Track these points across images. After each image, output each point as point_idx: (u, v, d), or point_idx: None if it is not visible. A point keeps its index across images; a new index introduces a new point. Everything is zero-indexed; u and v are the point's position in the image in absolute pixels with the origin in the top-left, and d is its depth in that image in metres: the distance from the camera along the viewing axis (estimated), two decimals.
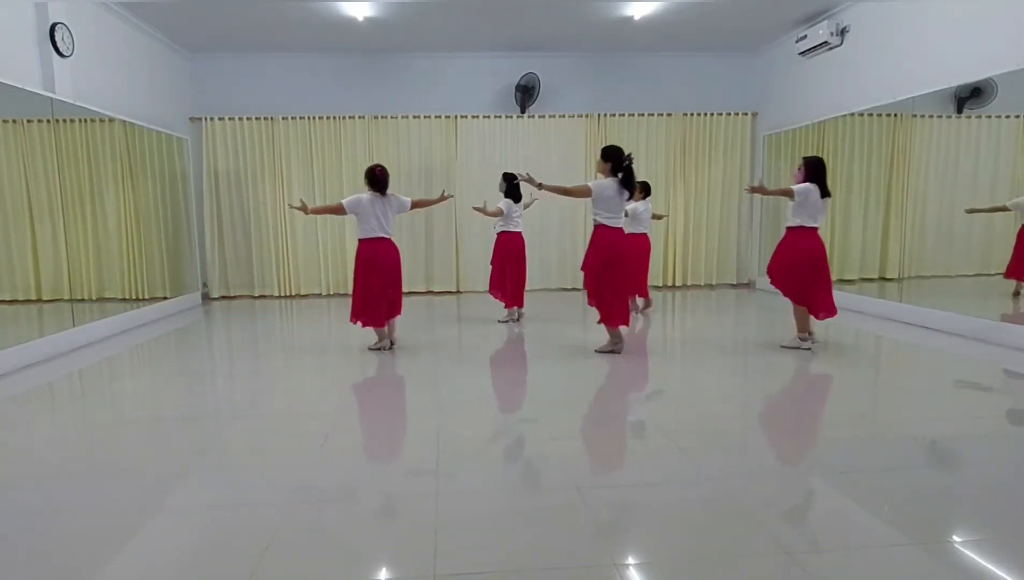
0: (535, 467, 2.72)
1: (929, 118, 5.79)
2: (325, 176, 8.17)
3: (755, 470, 2.64)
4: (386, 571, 1.95)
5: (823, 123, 7.11)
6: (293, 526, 2.16)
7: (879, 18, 6.30)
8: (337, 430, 3.19)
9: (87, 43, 5.78)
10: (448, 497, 2.37)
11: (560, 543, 2.03)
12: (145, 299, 6.59)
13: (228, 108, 8.03)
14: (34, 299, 5.29)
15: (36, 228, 5.20)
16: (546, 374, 4.33)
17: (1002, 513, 2.21)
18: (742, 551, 1.97)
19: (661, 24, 7.15)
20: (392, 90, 8.22)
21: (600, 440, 3.09)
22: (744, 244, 8.76)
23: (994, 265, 5.48)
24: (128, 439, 3.16)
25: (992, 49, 4.95)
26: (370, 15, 6.67)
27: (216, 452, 2.99)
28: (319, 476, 2.61)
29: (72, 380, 4.47)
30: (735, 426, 3.28)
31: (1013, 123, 5.28)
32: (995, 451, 2.84)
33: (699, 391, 3.87)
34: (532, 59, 8.05)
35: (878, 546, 2.00)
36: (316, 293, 8.35)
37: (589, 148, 8.38)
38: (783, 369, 4.26)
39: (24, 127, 5.09)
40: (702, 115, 8.44)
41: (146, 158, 6.73)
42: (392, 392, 4.01)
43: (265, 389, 4.04)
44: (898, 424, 3.25)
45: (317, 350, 5.23)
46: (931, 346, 4.95)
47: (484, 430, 3.21)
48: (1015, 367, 4.28)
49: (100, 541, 2.09)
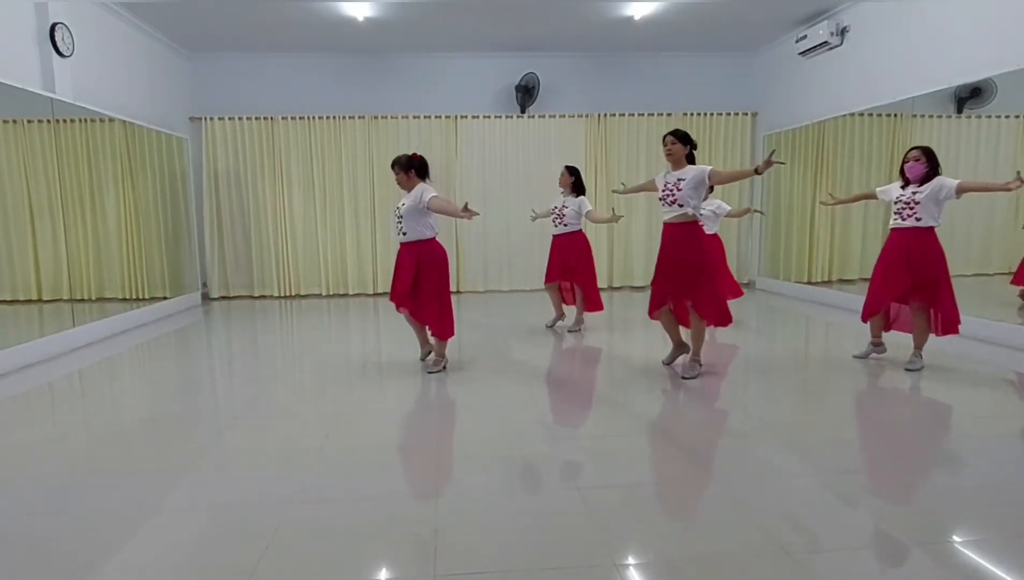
0: (536, 467, 2.73)
1: (929, 118, 5.79)
2: (325, 176, 8.17)
3: (756, 470, 2.64)
4: (386, 571, 1.95)
5: (823, 123, 7.11)
6: (293, 526, 2.16)
7: (879, 18, 6.30)
8: (337, 430, 3.19)
9: (87, 43, 5.78)
10: (448, 497, 2.37)
11: (560, 543, 2.03)
12: (145, 299, 6.59)
13: (228, 108, 8.03)
14: (34, 299, 5.29)
15: (36, 228, 5.20)
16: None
17: (1002, 513, 2.21)
18: (742, 551, 1.97)
19: (661, 24, 7.15)
20: (392, 90, 8.21)
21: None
22: (744, 244, 8.76)
23: (993, 265, 5.48)
24: (128, 439, 3.16)
25: (992, 49, 4.95)
26: (370, 15, 6.67)
27: (216, 452, 2.99)
28: (319, 476, 2.61)
29: (72, 380, 4.47)
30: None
31: (1013, 123, 5.28)
32: (995, 451, 2.83)
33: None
34: (532, 59, 8.06)
35: (878, 546, 2.00)
36: (316, 293, 8.35)
37: (589, 148, 8.39)
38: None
39: (24, 127, 5.09)
40: (702, 115, 8.44)
41: (146, 158, 6.73)
42: (393, 392, 4.01)
43: (265, 389, 4.04)
44: (898, 424, 3.25)
45: (317, 350, 5.23)
46: (930, 346, 4.95)
47: (486, 430, 3.21)
48: (1015, 366, 4.28)
49: (100, 541, 2.09)
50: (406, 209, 3.99)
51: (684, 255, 3.81)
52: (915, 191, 3.88)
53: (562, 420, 3.39)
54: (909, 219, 3.90)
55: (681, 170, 3.80)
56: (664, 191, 3.84)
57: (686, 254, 3.81)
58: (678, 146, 3.79)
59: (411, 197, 4.02)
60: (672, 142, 3.82)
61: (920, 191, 3.86)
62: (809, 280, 7.41)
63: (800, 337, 5.97)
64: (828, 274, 7.26)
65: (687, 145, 3.81)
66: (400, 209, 4.04)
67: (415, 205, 3.97)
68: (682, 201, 3.74)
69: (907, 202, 3.90)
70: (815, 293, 7.23)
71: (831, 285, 7.18)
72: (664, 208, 3.87)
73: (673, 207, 3.80)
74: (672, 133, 3.86)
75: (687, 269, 3.81)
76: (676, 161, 3.82)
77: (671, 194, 3.78)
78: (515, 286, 8.52)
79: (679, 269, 3.82)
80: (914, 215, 3.88)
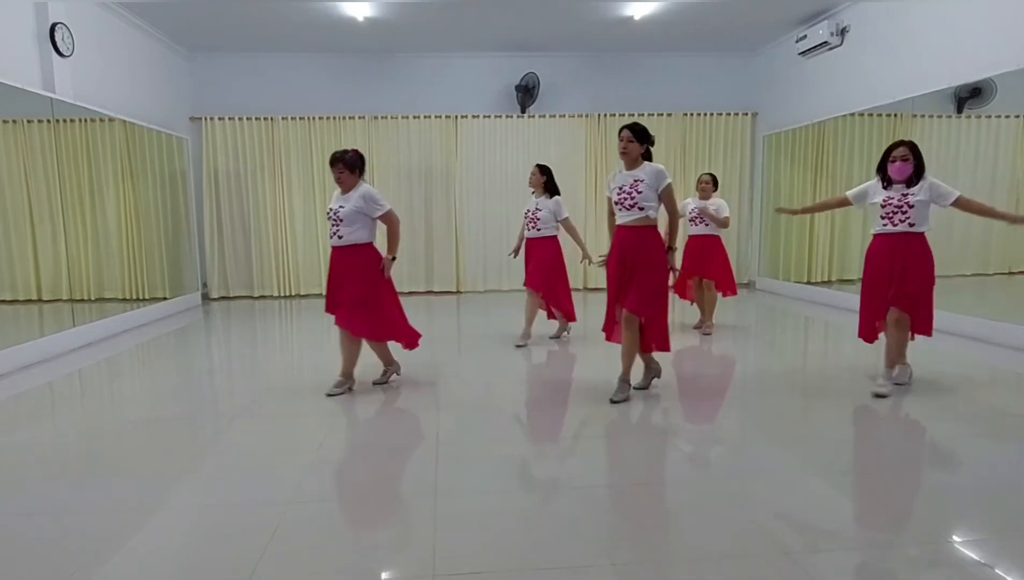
0: (536, 467, 2.73)
1: (929, 118, 5.79)
2: (325, 176, 8.15)
3: (756, 470, 2.64)
4: (386, 571, 1.95)
5: (823, 123, 7.11)
6: (293, 526, 2.16)
7: (879, 18, 6.30)
8: (337, 429, 3.19)
9: (87, 43, 5.78)
10: (448, 496, 2.37)
11: (559, 543, 2.03)
12: (145, 299, 6.59)
13: (228, 108, 8.03)
14: (34, 299, 5.29)
15: (36, 228, 5.20)
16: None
17: (1002, 513, 2.21)
18: (742, 551, 1.97)
19: (661, 24, 7.15)
20: (392, 90, 8.22)
21: None
22: (744, 244, 8.76)
23: (993, 265, 5.48)
24: (128, 439, 3.16)
25: (992, 49, 4.95)
26: (370, 15, 6.67)
27: (215, 452, 2.99)
28: (319, 476, 2.61)
29: (72, 380, 4.47)
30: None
31: (1013, 123, 5.28)
32: (995, 451, 2.83)
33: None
34: (532, 59, 8.06)
35: (878, 546, 2.00)
36: (316, 293, 8.34)
37: (589, 148, 8.39)
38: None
39: (24, 127, 5.09)
40: (702, 115, 8.44)
41: (146, 158, 6.73)
42: (392, 392, 4.01)
43: (264, 389, 4.04)
44: (898, 424, 3.25)
45: (316, 350, 5.23)
46: (930, 346, 4.95)
47: (485, 430, 3.21)
48: (1015, 366, 4.28)
49: (100, 541, 2.08)
50: (347, 212, 3.59)
51: (647, 260, 3.43)
52: (905, 193, 3.50)
53: (562, 420, 3.39)
54: (901, 224, 3.50)
55: (638, 169, 3.45)
56: (620, 193, 3.45)
57: (649, 259, 3.43)
58: (634, 144, 3.45)
59: (354, 199, 3.61)
60: (629, 139, 3.45)
61: (913, 193, 3.49)
62: (809, 280, 7.41)
63: (799, 338, 5.97)
64: (828, 274, 7.26)
65: (644, 143, 3.47)
66: (339, 211, 3.61)
67: (361, 209, 3.61)
68: (642, 204, 3.40)
69: (898, 205, 3.50)
70: (815, 293, 7.23)
71: (831, 285, 7.18)
72: (621, 212, 3.47)
73: (632, 210, 3.42)
74: (629, 128, 3.48)
75: (650, 277, 3.43)
76: (632, 159, 3.47)
77: (629, 196, 3.41)
78: (515, 286, 8.50)
79: (640, 275, 3.43)
80: (907, 219, 3.48)
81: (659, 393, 3.71)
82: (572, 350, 5.02)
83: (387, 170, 8.19)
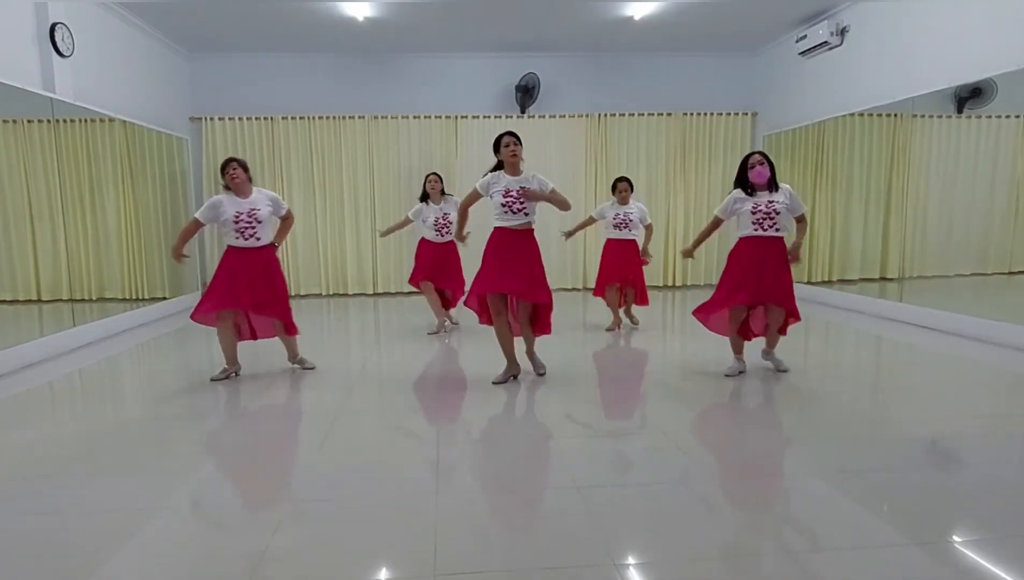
0: (535, 467, 2.72)
1: (929, 118, 5.79)
2: (325, 176, 8.16)
3: (756, 469, 2.64)
4: (386, 571, 1.95)
5: (823, 123, 7.11)
6: (293, 526, 2.16)
7: (879, 18, 6.30)
8: (337, 429, 3.19)
9: (87, 43, 5.78)
10: (448, 496, 2.37)
11: (559, 543, 2.03)
12: (145, 299, 6.59)
13: (228, 108, 8.03)
14: (34, 299, 5.29)
15: (36, 228, 5.20)
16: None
17: (1002, 513, 2.21)
18: (742, 551, 1.97)
19: (661, 24, 7.15)
20: (392, 90, 8.21)
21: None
22: None
23: (992, 264, 5.49)
24: (128, 439, 3.16)
25: (992, 49, 4.95)
26: (370, 15, 6.67)
27: (216, 452, 2.99)
28: (319, 476, 2.61)
29: (72, 380, 4.47)
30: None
31: (1013, 123, 5.28)
32: (995, 451, 2.83)
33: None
34: (532, 59, 8.06)
35: (878, 546, 2.00)
36: (316, 293, 8.35)
37: (589, 148, 8.39)
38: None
39: (24, 127, 5.09)
40: (702, 115, 8.44)
41: (146, 158, 6.73)
42: (392, 391, 4.01)
43: (264, 389, 4.04)
44: (898, 424, 3.25)
45: (316, 349, 5.22)
46: (930, 346, 4.95)
47: (485, 429, 3.21)
48: (1014, 366, 4.29)
49: (100, 541, 2.08)
50: (264, 214, 4.01)
51: (533, 257, 3.82)
52: (771, 200, 3.84)
53: (561, 420, 3.39)
54: (770, 229, 3.87)
55: (523, 177, 3.77)
56: (507, 198, 3.72)
57: (534, 256, 3.83)
58: (521, 148, 3.75)
59: (263, 202, 4.03)
60: (516, 144, 3.75)
61: (778, 200, 3.84)
62: (809, 280, 7.41)
63: (800, 340, 5.97)
64: (828, 274, 7.26)
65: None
66: (257, 213, 3.97)
67: (272, 210, 4.06)
68: (529, 210, 3.75)
69: (767, 212, 3.84)
70: (815, 293, 7.23)
71: (831, 285, 7.18)
72: (507, 216, 3.75)
73: (519, 215, 3.73)
74: (512, 134, 3.79)
75: (537, 271, 3.82)
76: (518, 166, 3.78)
77: (516, 201, 3.71)
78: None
79: (529, 270, 3.79)
80: (775, 225, 3.86)
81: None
82: (581, 347, 5.01)
83: (387, 170, 8.19)
